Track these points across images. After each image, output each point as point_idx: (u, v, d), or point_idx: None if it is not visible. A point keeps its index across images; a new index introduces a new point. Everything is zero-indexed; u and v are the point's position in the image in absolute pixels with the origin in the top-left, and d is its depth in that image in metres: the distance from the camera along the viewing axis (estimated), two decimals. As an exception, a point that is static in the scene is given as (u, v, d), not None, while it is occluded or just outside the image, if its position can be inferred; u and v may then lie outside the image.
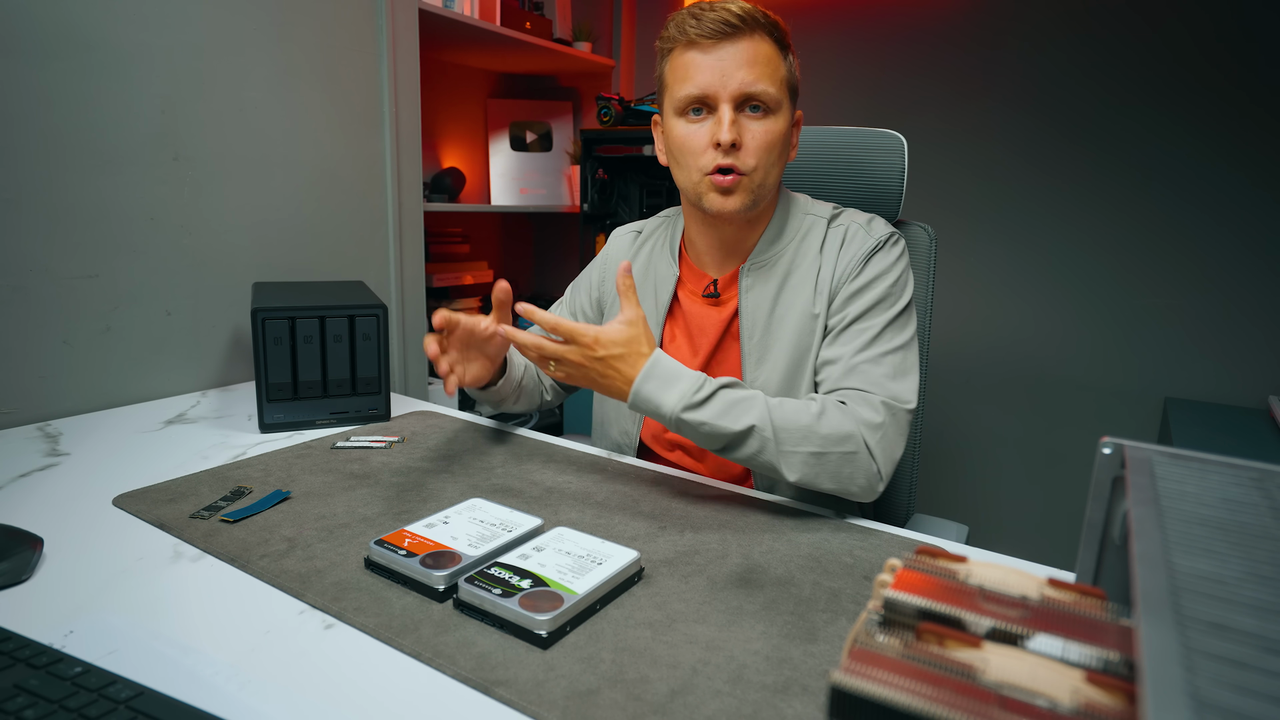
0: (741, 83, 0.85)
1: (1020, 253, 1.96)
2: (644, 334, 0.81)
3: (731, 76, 0.85)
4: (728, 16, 0.84)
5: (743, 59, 0.85)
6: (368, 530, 0.75)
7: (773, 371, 0.92)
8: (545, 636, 0.56)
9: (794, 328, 0.92)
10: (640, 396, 0.80)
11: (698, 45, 0.86)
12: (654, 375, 0.80)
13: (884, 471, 0.82)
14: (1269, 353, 1.72)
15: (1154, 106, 1.77)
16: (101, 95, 1.11)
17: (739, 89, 0.85)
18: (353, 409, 1.08)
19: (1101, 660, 0.31)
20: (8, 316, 1.05)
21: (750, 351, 0.94)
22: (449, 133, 2.26)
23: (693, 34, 0.85)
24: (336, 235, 1.49)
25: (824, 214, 0.96)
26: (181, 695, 0.49)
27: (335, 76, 1.43)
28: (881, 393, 0.84)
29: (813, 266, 0.93)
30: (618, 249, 1.10)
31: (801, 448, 0.79)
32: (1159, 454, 0.44)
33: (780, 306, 0.93)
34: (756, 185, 0.88)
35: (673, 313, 1.01)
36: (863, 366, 0.86)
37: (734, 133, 0.85)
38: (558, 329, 0.80)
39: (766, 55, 0.86)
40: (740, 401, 0.80)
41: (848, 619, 0.62)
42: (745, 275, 0.95)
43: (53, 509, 0.78)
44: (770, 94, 0.86)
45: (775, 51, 0.87)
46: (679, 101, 0.88)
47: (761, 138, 0.87)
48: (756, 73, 0.85)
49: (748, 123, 0.87)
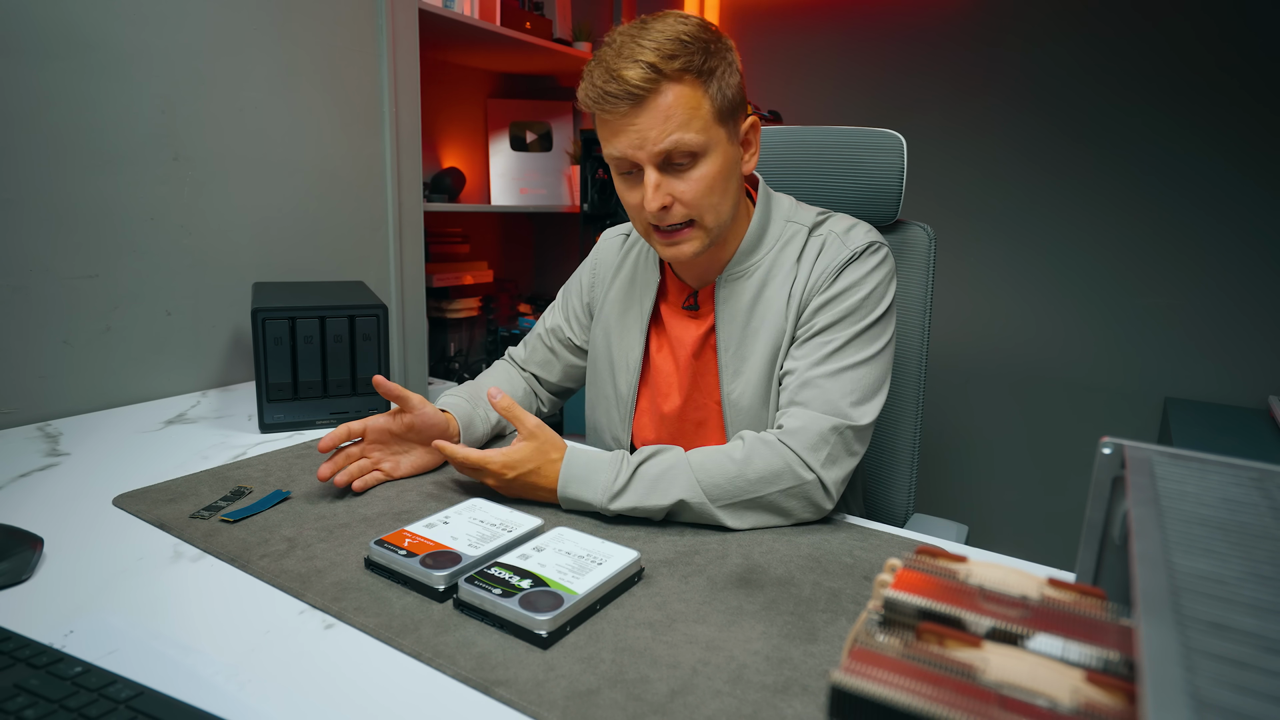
0: (655, 144, 0.81)
1: (1020, 252, 1.96)
2: (547, 440, 0.82)
3: (646, 139, 0.81)
4: (630, 87, 0.79)
5: (655, 118, 0.80)
6: (368, 530, 0.75)
7: (747, 385, 0.91)
8: (545, 636, 0.56)
9: (768, 340, 0.90)
10: (568, 500, 0.81)
11: (609, 115, 0.83)
12: (572, 478, 0.80)
13: (832, 492, 0.81)
14: (1269, 353, 1.72)
15: (1154, 105, 1.77)
16: (101, 95, 1.11)
17: (654, 151, 0.82)
18: (353, 409, 1.08)
19: (1101, 660, 0.31)
20: (8, 316, 1.05)
21: (727, 364, 0.92)
22: (449, 133, 2.26)
23: (599, 110, 0.83)
24: (336, 235, 1.49)
25: (807, 221, 0.94)
26: (181, 695, 0.49)
27: (335, 76, 1.44)
28: (831, 412, 0.82)
29: (788, 277, 0.91)
30: (606, 251, 1.09)
31: (737, 499, 0.78)
32: (1159, 454, 0.44)
33: (755, 319, 0.91)
34: (709, 226, 0.86)
35: (657, 324, 1.00)
36: (818, 381, 0.84)
37: (659, 198, 0.83)
38: (466, 462, 0.83)
39: (682, 103, 0.80)
40: (663, 474, 0.79)
41: (848, 619, 0.62)
42: (721, 287, 0.93)
43: (53, 509, 0.78)
44: (692, 142, 0.81)
45: (692, 91, 0.81)
46: (609, 161, 0.87)
47: (694, 187, 0.84)
48: (672, 126, 0.80)
49: (674, 180, 0.84)
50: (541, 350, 1.10)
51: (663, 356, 0.99)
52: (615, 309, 1.03)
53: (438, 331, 2.13)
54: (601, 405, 1.04)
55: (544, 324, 1.11)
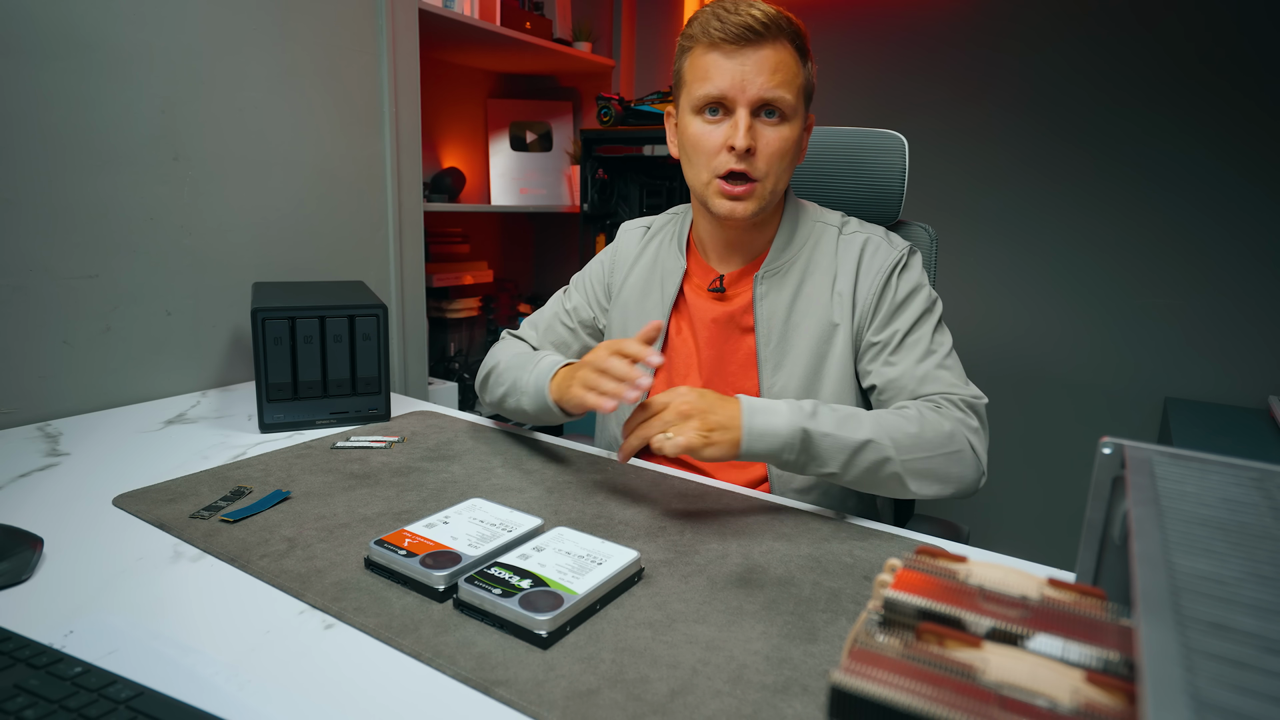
0: (761, 88, 0.85)
1: (1020, 253, 1.96)
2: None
3: (751, 81, 0.85)
4: (751, 22, 0.83)
5: (764, 65, 0.85)
6: (368, 530, 0.75)
7: (790, 378, 0.93)
8: (545, 636, 0.56)
9: (812, 334, 0.93)
10: (754, 433, 0.76)
11: (720, 47, 0.86)
12: (755, 409, 0.78)
13: (984, 464, 0.84)
14: (1269, 353, 1.72)
15: (1152, 108, 1.77)
16: (101, 95, 1.11)
17: (758, 94, 0.85)
18: (353, 409, 1.08)
19: (1101, 660, 0.31)
20: (8, 316, 1.05)
21: (767, 358, 0.94)
22: (449, 133, 2.26)
23: (715, 36, 0.85)
24: (336, 235, 1.49)
25: (834, 222, 0.98)
26: (181, 695, 0.49)
27: (335, 76, 1.43)
28: (959, 394, 0.86)
29: (828, 273, 0.94)
30: (627, 243, 1.09)
31: (915, 454, 0.79)
32: (1159, 454, 0.44)
33: (796, 313, 0.94)
34: (767, 192, 0.89)
35: (678, 307, 1.01)
36: (934, 374, 0.88)
37: (749, 139, 0.85)
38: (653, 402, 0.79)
39: (787, 62, 0.86)
40: (849, 416, 0.80)
41: (848, 619, 0.62)
42: (760, 283, 0.95)
43: (53, 509, 0.78)
44: (788, 101, 0.86)
45: (795, 58, 0.87)
46: (696, 100, 0.88)
47: (776, 144, 0.87)
48: (777, 79, 0.85)
49: (762, 128, 0.87)
50: (559, 330, 1.09)
51: (682, 339, 1.01)
52: (634, 295, 1.04)
53: (438, 331, 2.13)
54: None
55: (561, 305, 1.11)
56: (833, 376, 0.92)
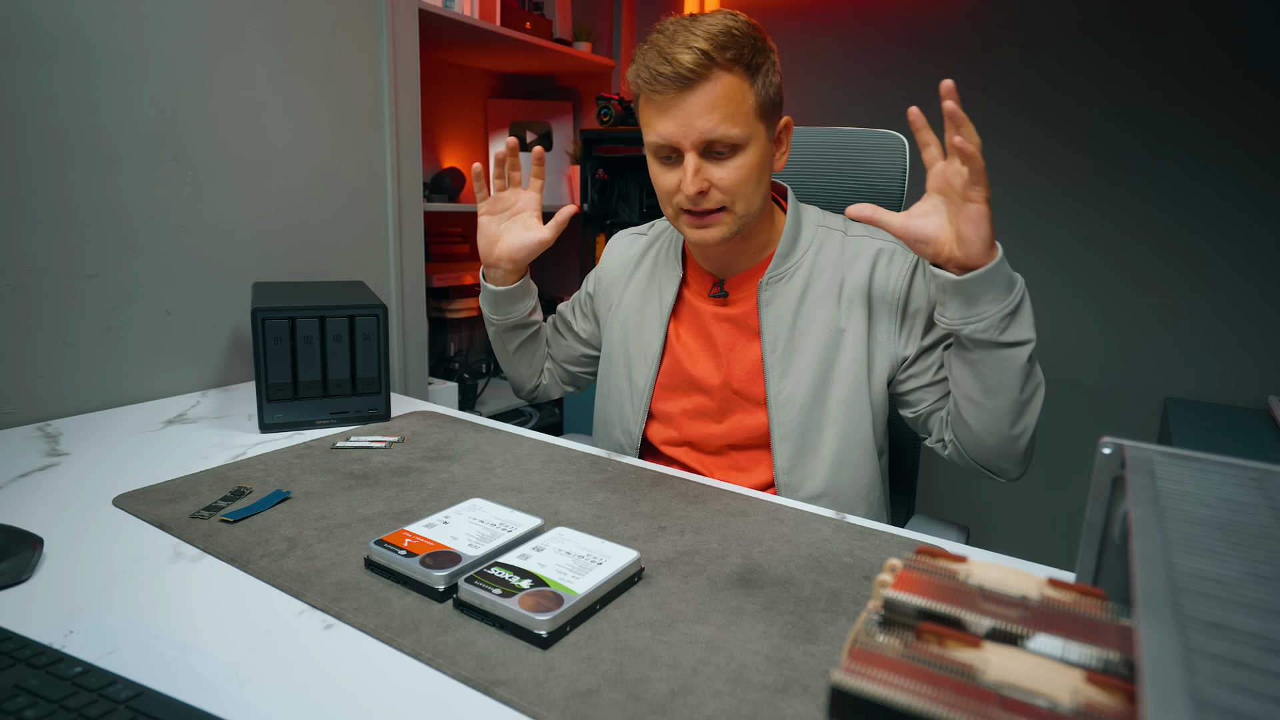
0: (701, 131, 0.84)
1: (1020, 254, 1.96)
2: None
3: (691, 126, 0.84)
4: (681, 70, 0.81)
5: (702, 106, 0.83)
6: (368, 530, 0.75)
7: (797, 385, 0.93)
8: (545, 636, 0.56)
9: (818, 340, 0.93)
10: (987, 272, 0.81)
11: (654, 100, 0.85)
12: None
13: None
14: (1268, 353, 1.72)
15: (1151, 110, 1.77)
16: (101, 95, 1.11)
17: (699, 138, 0.84)
18: (353, 409, 1.08)
19: (1101, 660, 0.31)
20: (8, 316, 1.05)
21: (774, 365, 0.94)
22: (449, 133, 2.26)
23: (648, 90, 0.85)
24: (336, 235, 1.49)
25: (839, 227, 0.98)
26: (181, 695, 0.49)
27: (335, 76, 1.43)
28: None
29: (834, 279, 0.94)
30: (615, 256, 1.11)
31: (1039, 403, 0.86)
32: (1159, 454, 0.44)
33: (801, 320, 0.94)
34: (737, 216, 0.89)
35: (677, 313, 1.01)
36: None
37: (697, 183, 0.85)
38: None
39: (728, 95, 0.83)
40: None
41: (848, 619, 0.62)
42: (764, 289, 0.95)
43: (53, 509, 0.78)
44: (733, 135, 0.84)
45: (741, 82, 0.84)
46: (649, 146, 0.90)
47: (730, 177, 0.86)
48: (716, 118, 0.83)
49: (713, 167, 0.86)
50: (550, 329, 1.19)
51: (681, 345, 1.01)
52: (634, 303, 1.05)
53: (438, 331, 2.13)
54: (614, 399, 1.05)
55: (559, 310, 1.20)
56: (843, 383, 0.92)
